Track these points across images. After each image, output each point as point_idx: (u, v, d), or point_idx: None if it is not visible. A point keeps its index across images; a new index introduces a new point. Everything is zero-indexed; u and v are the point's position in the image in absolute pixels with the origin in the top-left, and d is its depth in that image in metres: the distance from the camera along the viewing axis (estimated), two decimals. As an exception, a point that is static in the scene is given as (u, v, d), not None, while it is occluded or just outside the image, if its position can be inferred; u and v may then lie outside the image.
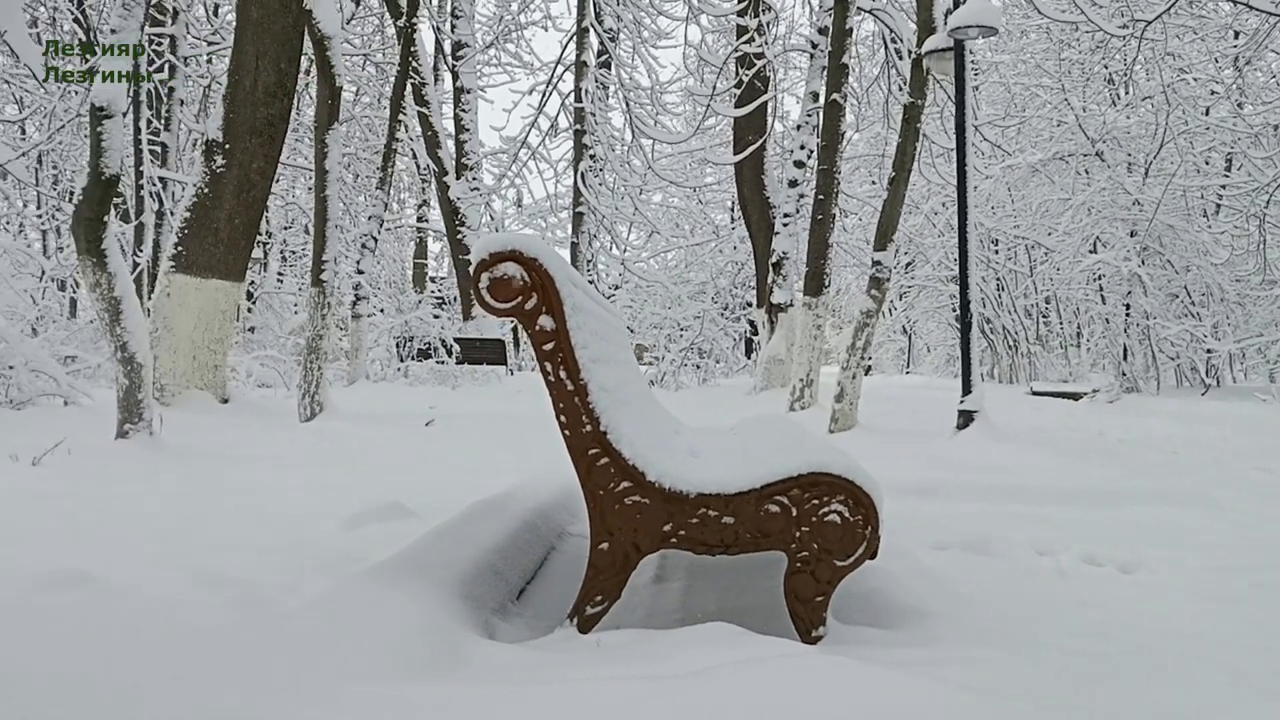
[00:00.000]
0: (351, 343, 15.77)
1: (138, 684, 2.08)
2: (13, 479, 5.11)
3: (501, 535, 3.29)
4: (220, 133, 9.27)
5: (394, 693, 1.73)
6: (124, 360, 6.15)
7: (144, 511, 4.32)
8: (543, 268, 2.46)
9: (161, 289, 9.18)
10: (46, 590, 2.87)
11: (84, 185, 6.09)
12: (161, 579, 3.07)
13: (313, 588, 2.75)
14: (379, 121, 23.15)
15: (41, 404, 8.78)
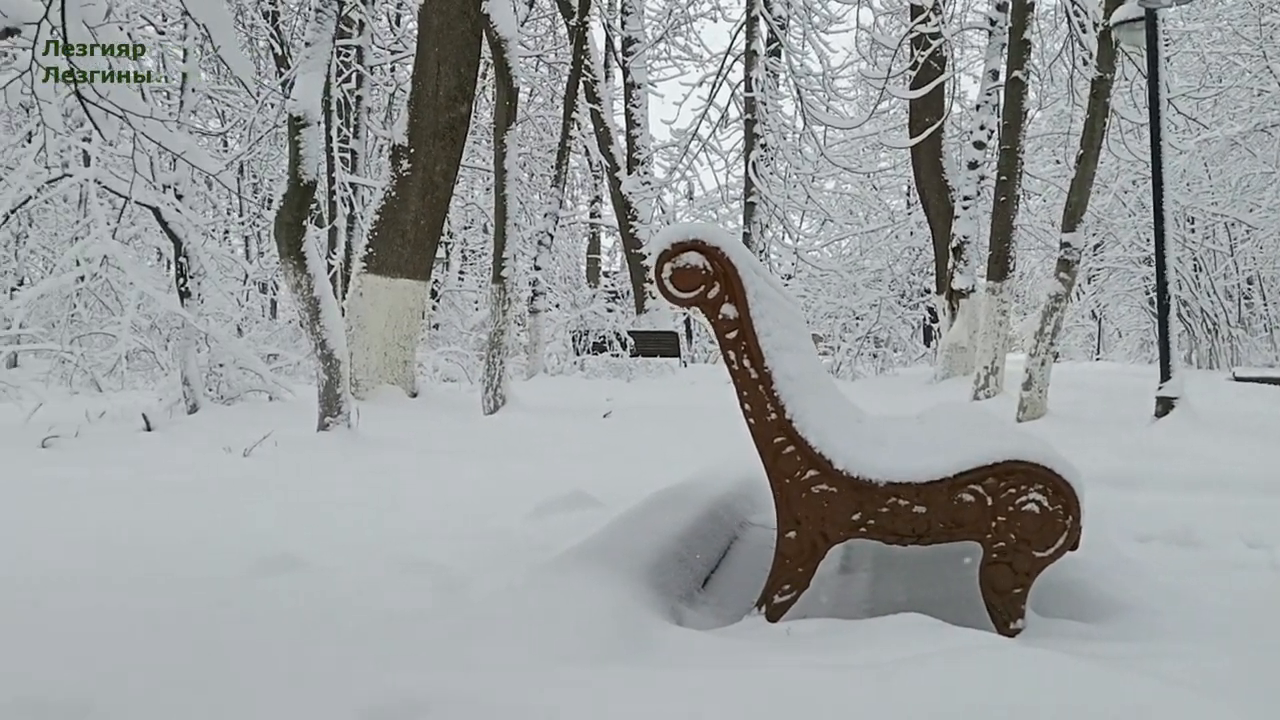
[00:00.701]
0: (530, 337, 16.17)
1: (346, 662, 2.19)
2: (227, 469, 5.46)
3: (685, 524, 3.31)
4: (405, 137, 9.64)
5: (596, 673, 1.76)
6: (323, 357, 6.48)
7: (345, 500, 4.54)
8: (725, 256, 2.46)
9: (354, 289, 9.63)
10: (262, 574, 3.05)
11: (284, 192, 6.44)
12: (364, 564, 3.22)
13: (506, 574, 2.83)
14: (552, 120, 23.62)
15: (249, 399, 9.35)
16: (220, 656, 2.35)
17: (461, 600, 2.64)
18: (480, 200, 23.92)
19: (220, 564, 3.18)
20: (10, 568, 3.21)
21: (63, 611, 2.76)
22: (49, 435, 6.72)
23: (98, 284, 10.76)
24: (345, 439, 6.41)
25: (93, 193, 7.60)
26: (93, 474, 5.29)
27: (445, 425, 7.97)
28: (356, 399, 9.03)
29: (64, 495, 4.62)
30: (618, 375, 16.88)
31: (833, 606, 2.88)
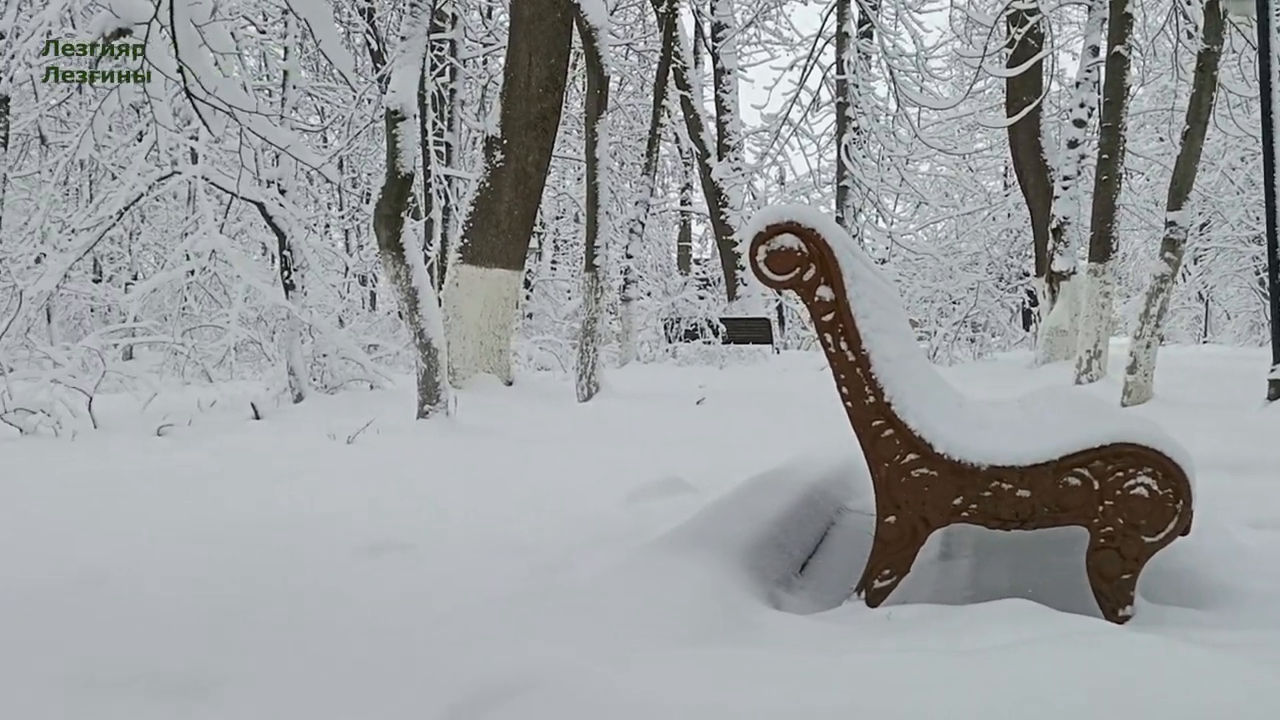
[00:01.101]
0: (622, 325, 16.24)
1: (448, 642, 2.24)
2: (332, 456, 5.61)
3: (781, 509, 3.30)
4: (498, 129, 9.75)
5: (695, 655, 1.77)
6: (422, 346, 6.60)
7: (445, 485, 4.63)
8: (820, 238, 2.44)
9: (450, 279, 9.79)
10: (366, 556, 3.13)
11: (382, 184, 6.57)
12: (464, 547, 3.28)
13: (602, 557, 2.86)
14: (642, 108, 23.64)
15: (351, 388, 9.57)
16: (327, 635, 2.42)
17: (559, 582, 2.67)
18: (572, 190, 24.07)
19: (326, 547, 3.27)
20: (128, 551, 3.35)
21: (179, 592, 2.87)
22: (164, 424, 6.97)
23: (207, 278, 11.12)
24: (444, 426, 6.53)
25: (200, 189, 7.85)
26: (205, 461, 5.49)
27: (540, 413, 8.06)
28: (454, 387, 9.18)
29: (179, 481, 4.80)
30: (710, 362, 16.85)
31: (934, 593, 2.84)
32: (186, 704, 2.07)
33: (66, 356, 7.91)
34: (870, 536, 2.60)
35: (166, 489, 4.58)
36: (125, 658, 2.31)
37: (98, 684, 2.15)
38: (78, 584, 2.92)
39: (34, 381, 7.69)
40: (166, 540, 3.46)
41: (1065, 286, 14.29)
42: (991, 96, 25.18)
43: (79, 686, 2.13)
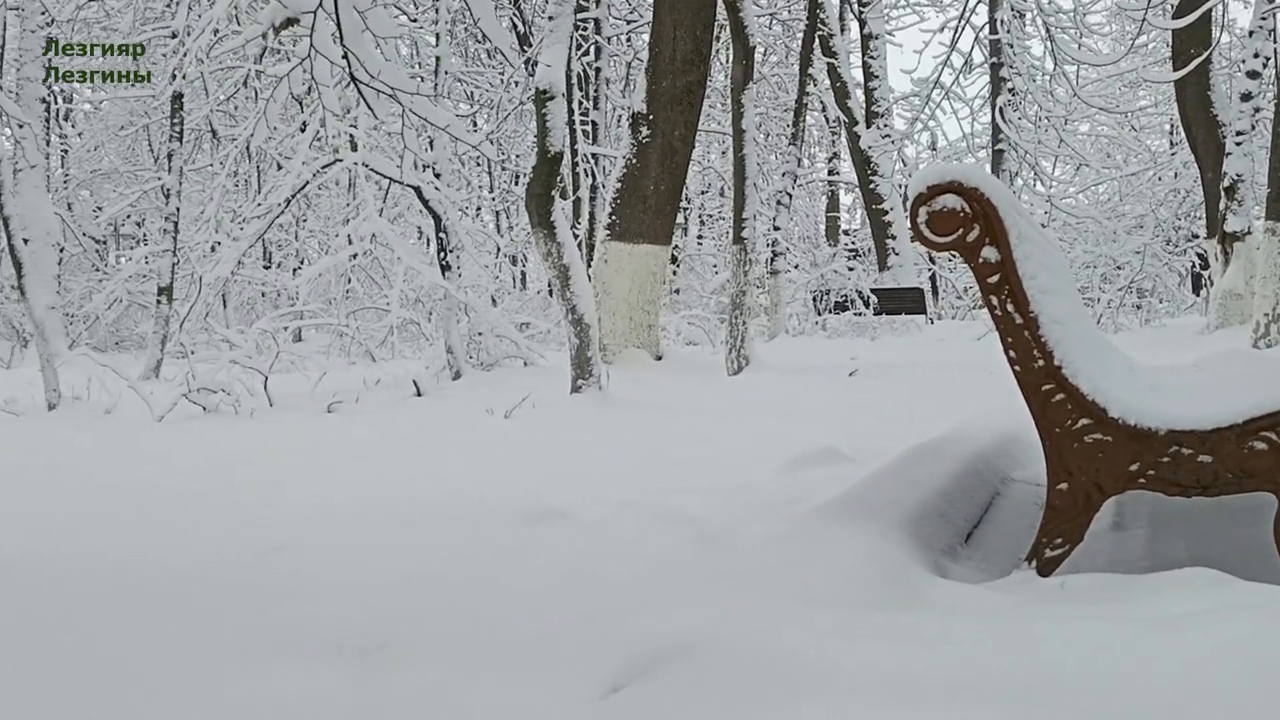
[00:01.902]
0: (770, 298, 16.13)
1: (615, 606, 2.28)
2: (491, 430, 5.77)
3: (944, 478, 3.24)
4: (644, 104, 9.78)
5: (864, 619, 1.76)
6: (574, 322, 6.70)
7: (601, 457, 4.70)
8: (985, 197, 2.37)
9: (599, 256, 9.90)
10: (530, 524, 3.21)
11: (533, 164, 6.68)
12: (623, 517, 3.33)
13: (762, 526, 2.86)
14: (787, 78, 23.34)
15: (505, 365, 9.81)
16: (498, 599, 2.49)
17: (721, 550, 2.69)
18: (716, 164, 23.98)
19: (491, 515, 3.37)
20: (307, 520, 3.51)
21: (358, 559, 3.00)
22: (334, 401, 7.28)
23: (368, 261, 11.54)
24: (597, 400, 6.63)
25: (361, 175, 8.15)
26: (374, 436, 5.71)
27: (690, 386, 8.09)
28: (605, 362, 9.31)
29: (351, 455, 5.01)
30: (861, 334, 16.60)
31: (1108, 563, 2.75)
32: (371, 666, 2.17)
33: (243, 339, 8.34)
34: (1038, 507, 2.53)
35: (340, 463, 4.79)
36: (311, 623, 2.43)
37: (286, 648, 2.27)
38: (264, 552, 3.09)
39: (213, 363, 8.14)
40: (342, 510, 3.62)
41: (1239, 248, 13.51)
42: (1155, 51, 23.88)
43: (268, 651, 2.26)
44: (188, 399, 7.30)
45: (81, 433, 6.45)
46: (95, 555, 3.06)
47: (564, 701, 1.79)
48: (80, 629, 2.36)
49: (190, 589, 2.73)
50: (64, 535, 3.34)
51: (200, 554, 3.04)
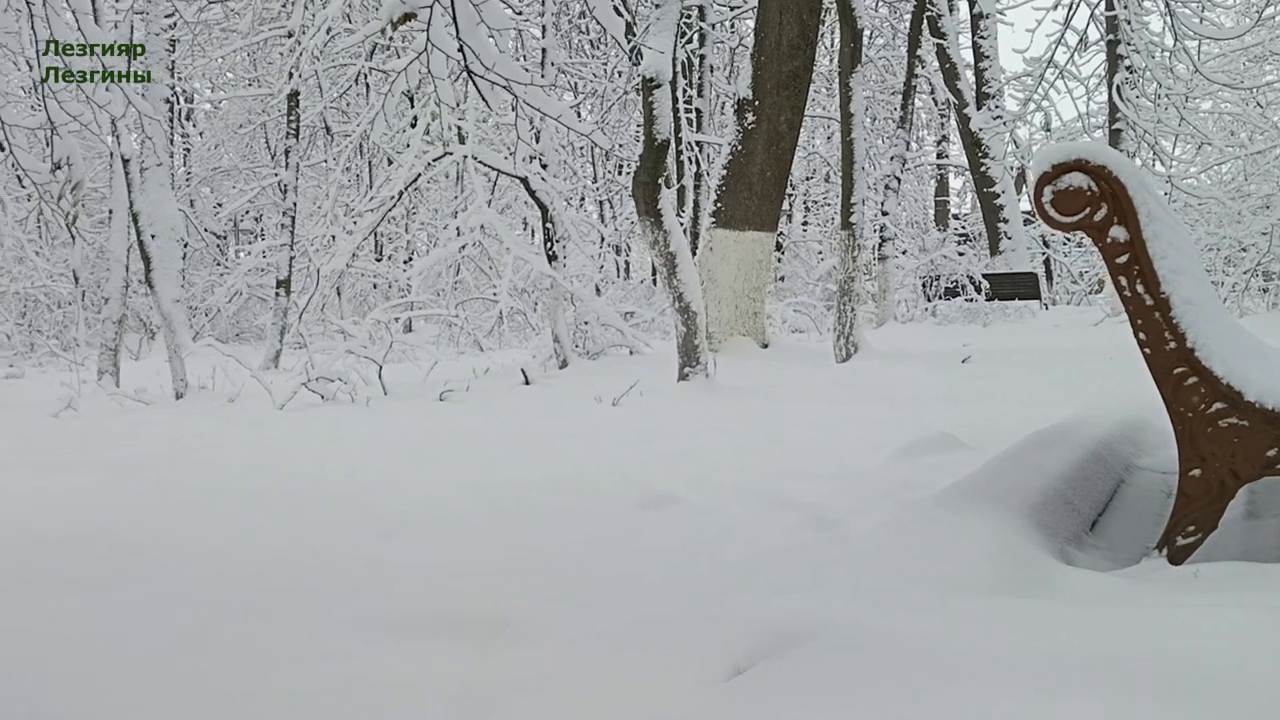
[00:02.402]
0: (879, 285, 15.90)
1: (736, 588, 2.28)
2: (600, 417, 5.82)
3: (1067, 465, 3.15)
4: (749, 90, 9.72)
5: (990, 604, 1.73)
6: (681, 310, 6.71)
7: (710, 443, 4.70)
8: (1113, 175, 2.29)
9: (704, 244, 9.88)
10: (644, 509, 3.23)
11: (639, 153, 6.70)
12: (736, 502, 3.32)
13: (881, 512, 2.83)
14: (894, 61, 22.94)
15: (611, 354, 9.87)
16: (617, 582, 2.51)
17: (839, 535, 2.67)
18: (821, 149, 23.71)
19: (606, 500, 3.40)
20: (425, 503, 3.59)
21: (474, 541, 3.06)
22: (445, 390, 7.43)
23: (477, 252, 11.72)
24: (704, 388, 6.62)
25: (470, 168, 8.29)
26: (486, 423, 5.81)
27: (798, 373, 8.03)
28: (710, 350, 9.30)
29: (465, 442, 5.11)
30: (972, 320, 16.25)
31: (1242, 552, 2.64)
32: (487, 644, 2.21)
33: (357, 329, 8.56)
34: (1165, 495, 2.45)
35: (454, 449, 4.89)
36: (432, 603, 2.49)
37: (404, 625, 2.32)
38: (385, 534, 3.17)
39: (330, 353, 8.36)
40: (459, 495, 3.69)
41: (1380, 226, 12.82)
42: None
43: (387, 628, 2.32)
44: (307, 388, 7.52)
45: (208, 420, 6.70)
46: (223, 539, 3.18)
47: (687, 683, 1.80)
48: (212, 610, 2.46)
49: (316, 569, 2.82)
50: (193, 520, 3.47)
51: (326, 536, 3.14)
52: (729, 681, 1.77)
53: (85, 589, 2.62)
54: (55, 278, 14.63)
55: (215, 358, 8.73)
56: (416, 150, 8.45)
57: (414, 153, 8.48)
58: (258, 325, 17.64)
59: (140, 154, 9.57)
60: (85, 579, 2.72)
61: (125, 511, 3.60)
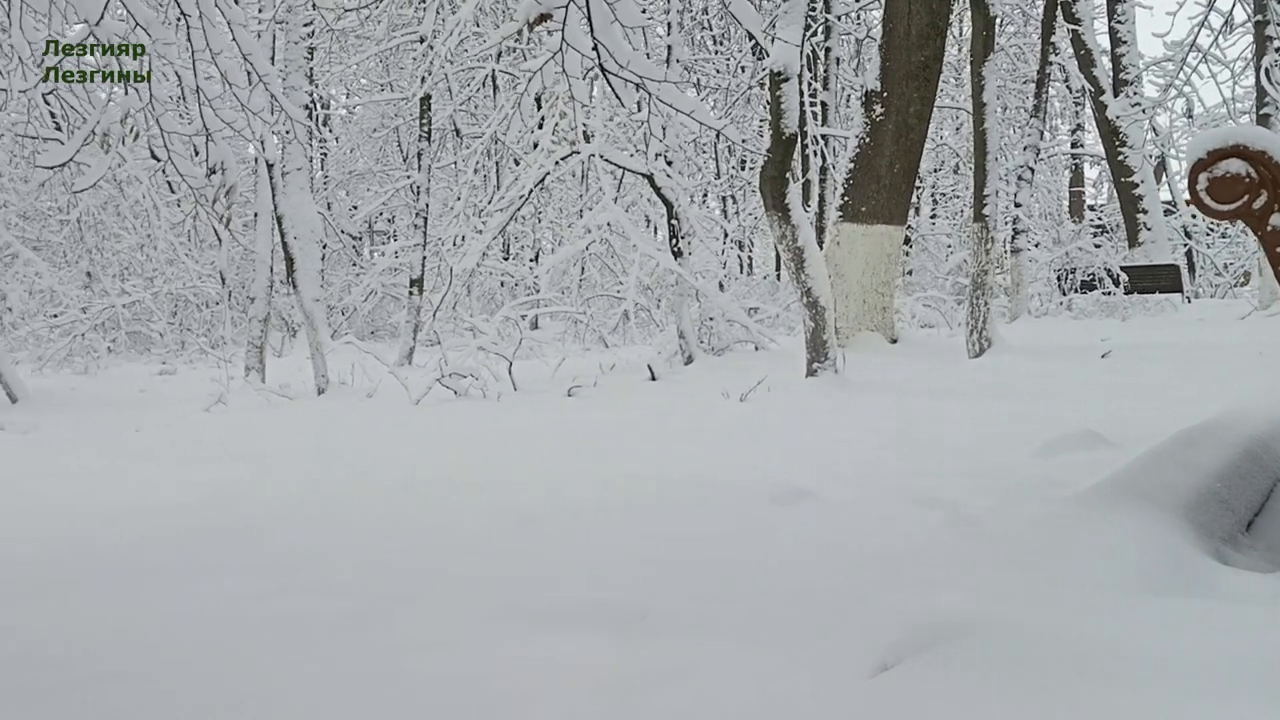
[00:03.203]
0: (1011, 278, 15.48)
1: (879, 584, 2.26)
2: (728, 412, 5.82)
3: (1220, 463, 3.03)
4: (878, 82, 9.58)
5: (1145, 604, 1.68)
6: (809, 304, 6.66)
7: (841, 439, 4.65)
8: (1273, 160, 2.20)
9: (831, 238, 9.78)
10: (778, 504, 3.23)
11: (767, 147, 6.67)
12: (872, 498, 3.29)
13: (1024, 509, 2.76)
14: (1026, 48, 22.29)
15: (735, 349, 9.86)
16: (756, 575, 2.52)
17: (982, 532, 2.62)
18: (950, 140, 23.20)
19: (739, 495, 3.41)
20: (562, 495, 3.65)
21: (612, 532, 3.10)
22: (573, 385, 7.53)
23: (603, 249, 11.84)
24: (833, 383, 6.57)
25: (599, 166, 8.38)
26: (615, 417, 5.87)
27: (929, 369, 7.89)
28: (838, 345, 9.20)
29: (596, 435, 5.18)
30: (1110, 314, 15.69)
31: None
32: (633, 636, 2.24)
33: (488, 326, 8.74)
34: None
35: (586, 443, 4.96)
36: (573, 593, 2.54)
37: (547, 615, 2.37)
38: (526, 524, 3.24)
39: (462, 350, 8.57)
40: (595, 487, 3.74)
41: None
42: None
43: (530, 617, 2.37)
44: (441, 383, 7.72)
45: (350, 414, 6.94)
46: (374, 531, 3.30)
47: (832, 678, 1.79)
48: (367, 598, 2.55)
49: (460, 559, 2.90)
50: (343, 512, 3.60)
51: (471, 525, 3.23)
52: (875, 677, 1.76)
53: (245, 574, 2.75)
54: (203, 278, 15.33)
55: (353, 355, 9.04)
56: (544, 150, 8.59)
57: (542, 152, 8.62)
58: (391, 323, 18.16)
59: (282, 159, 9.95)
60: (244, 566, 2.86)
61: (278, 502, 3.76)
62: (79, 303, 13.39)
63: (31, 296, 12.75)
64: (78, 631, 2.29)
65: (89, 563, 2.93)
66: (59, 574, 2.77)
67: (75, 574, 2.78)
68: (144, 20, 3.84)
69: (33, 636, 2.26)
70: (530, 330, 14.68)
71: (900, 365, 8.15)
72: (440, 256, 13.49)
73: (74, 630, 2.30)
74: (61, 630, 2.30)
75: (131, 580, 2.68)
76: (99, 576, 2.73)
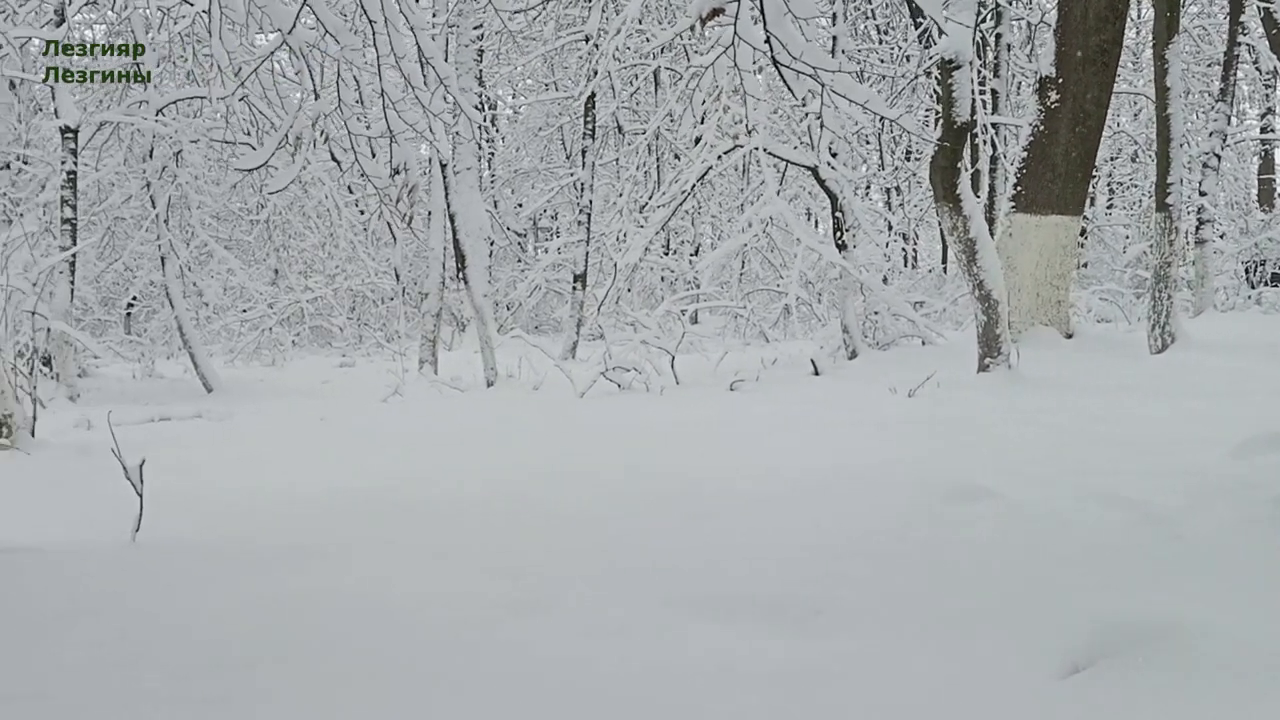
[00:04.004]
0: (1196, 271, 14.68)
1: (1068, 584, 2.19)
2: (896, 407, 5.72)
3: None
4: (1053, 67, 9.22)
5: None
6: (981, 298, 6.48)
7: (1015, 435, 4.51)
8: None
9: (1003, 230, 9.47)
10: (953, 500, 3.16)
11: (937, 136, 6.52)
12: (1053, 496, 3.18)
13: (1221, 511, 2.64)
14: (1211, 29, 21.10)
15: (901, 344, 9.66)
16: (932, 571, 2.48)
17: (1175, 533, 2.51)
18: (1128, 127, 22.15)
19: (912, 490, 3.36)
20: (730, 487, 3.67)
21: (784, 525, 3.10)
22: (735, 380, 7.53)
23: (765, 243, 11.79)
24: (1006, 379, 6.37)
25: (760, 159, 8.34)
26: (778, 411, 5.86)
27: (1107, 365, 7.56)
28: (1011, 341, 8.92)
29: (761, 428, 5.18)
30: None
31: None
32: (801, 628, 2.24)
33: (650, 320, 8.82)
34: None
35: (751, 436, 4.96)
36: (743, 582, 2.55)
37: (716, 606, 2.39)
38: (694, 516, 3.27)
39: (625, 344, 8.67)
40: (764, 479, 3.75)
41: None
42: None
43: (703, 606, 2.39)
44: (605, 377, 7.83)
45: (518, 406, 7.12)
46: (554, 518, 3.39)
47: (1018, 678, 1.76)
48: (546, 581, 2.63)
49: (630, 546, 2.95)
50: (524, 495, 3.71)
51: (644, 518, 3.28)
52: (1067, 679, 1.71)
53: (426, 556, 2.87)
54: (379, 275, 15.97)
55: (520, 349, 9.26)
56: (707, 144, 8.61)
57: (705, 147, 8.64)
58: (555, 318, 18.52)
59: (454, 159, 10.27)
60: (427, 547, 2.98)
61: (456, 489, 3.90)
62: (266, 298, 14.16)
63: (225, 293, 13.55)
64: (319, 602, 2.44)
65: (305, 539, 3.11)
66: (289, 552, 2.95)
67: (293, 552, 2.95)
68: (333, 28, 4.03)
69: (287, 606, 2.42)
70: (690, 325, 14.75)
71: (1077, 361, 7.84)
72: (603, 252, 13.69)
73: (316, 600, 2.45)
74: (303, 601, 2.45)
75: (334, 558, 2.83)
76: (303, 555, 2.90)
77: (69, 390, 9.38)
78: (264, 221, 12.93)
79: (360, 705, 1.86)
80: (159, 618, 2.35)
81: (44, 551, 2.95)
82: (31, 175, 12.06)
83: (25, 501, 3.98)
